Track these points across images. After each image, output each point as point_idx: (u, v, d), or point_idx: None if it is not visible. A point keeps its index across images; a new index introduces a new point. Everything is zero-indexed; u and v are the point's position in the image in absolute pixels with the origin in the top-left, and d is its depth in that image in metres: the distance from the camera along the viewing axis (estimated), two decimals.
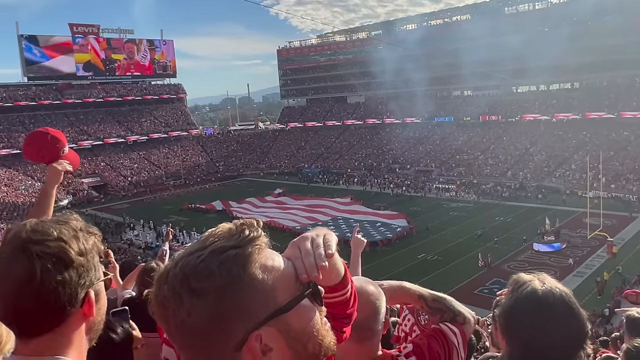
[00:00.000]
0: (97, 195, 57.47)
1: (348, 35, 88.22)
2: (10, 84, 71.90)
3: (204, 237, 0.81)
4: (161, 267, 2.15)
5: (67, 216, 1.11)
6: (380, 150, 68.85)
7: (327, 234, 0.87)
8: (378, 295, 1.53)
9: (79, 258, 1.02)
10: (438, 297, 1.75)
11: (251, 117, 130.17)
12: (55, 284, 0.97)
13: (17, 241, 0.99)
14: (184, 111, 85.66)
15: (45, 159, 2.27)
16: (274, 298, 0.76)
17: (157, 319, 0.79)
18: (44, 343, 1.00)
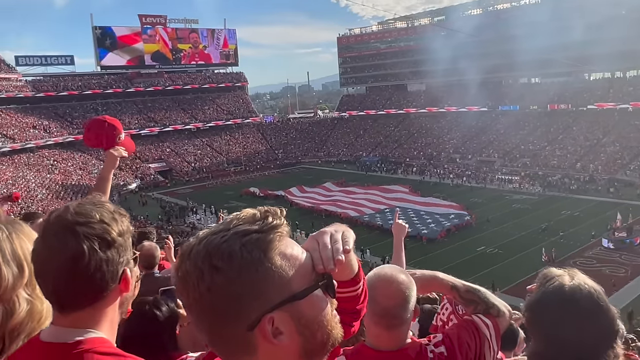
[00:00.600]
0: (162, 180, 60.05)
1: (409, 22, 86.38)
2: (85, 73, 76.09)
3: (229, 219, 0.85)
4: None
5: (101, 199, 1.18)
6: (440, 139, 67.34)
7: (345, 231, 0.91)
8: (408, 284, 1.55)
9: (119, 238, 1.11)
10: (471, 289, 1.72)
11: (310, 105, 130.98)
12: (101, 263, 1.07)
13: (63, 223, 1.07)
14: (245, 99, 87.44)
15: (102, 145, 2.39)
16: (289, 285, 0.80)
17: (178, 292, 0.84)
18: (81, 317, 1.09)
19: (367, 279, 1.58)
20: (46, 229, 1.10)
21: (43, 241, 1.09)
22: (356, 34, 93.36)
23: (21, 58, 69.05)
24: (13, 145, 54.12)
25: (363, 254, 29.52)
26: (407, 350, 1.56)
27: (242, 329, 0.79)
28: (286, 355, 0.82)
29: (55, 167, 55.05)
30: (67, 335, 1.08)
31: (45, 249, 1.07)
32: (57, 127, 63.78)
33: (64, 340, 1.08)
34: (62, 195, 43.89)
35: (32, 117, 62.78)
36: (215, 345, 0.84)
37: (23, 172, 48.70)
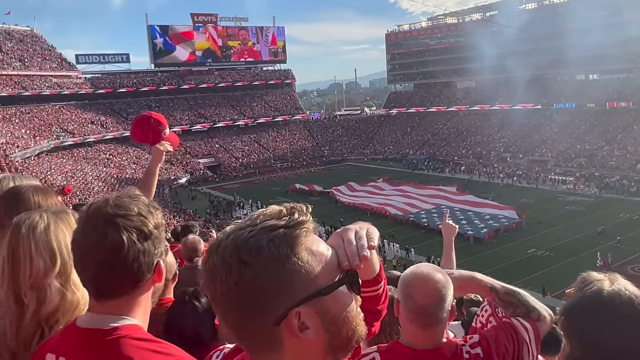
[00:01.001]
0: (211, 175, 61.49)
1: (460, 17, 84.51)
2: (140, 70, 78.89)
3: (256, 215, 0.86)
4: None
5: (136, 192, 1.22)
6: (490, 137, 65.56)
7: (370, 228, 0.93)
8: (445, 283, 1.55)
9: (155, 231, 1.16)
10: (511, 291, 1.66)
11: (357, 102, 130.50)
12: (138, 254, 1.12)
13: (103, 214, 1.12)
14: (292, 96, 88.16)
15: (149, 140, 2.46)
16: (315, 280, 0.81)
17: (204, 286, 0.85)
18: (118, 304, 1.15)
19: (403, 277, 1.58)
20: (86, 220, 1.14)
21: (83, 232, 1.13)
22: (405, 30, 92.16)
23: (81, 56, 72.37)
24: (73, 139, 56.82)
25: (408, 253, 29.23)
26: (442, 349, 1.55)
27: (268, 323, 0.80)
28: (311, 350, 0.83)
29: (110, 160, 57.43)
30: (103, 322, 1.14)
31: (85, 240, 1.12)
32: (113, 122, 66.44)
33: (100, 326, 1.13)
34: (116, 188, 45.63)
35: (90, 112, 65.68)
36: (242, 340, 0.85)
37: (81, 165, 51.05)
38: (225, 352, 1.28)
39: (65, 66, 69.38)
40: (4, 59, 61.34)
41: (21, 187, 1.80)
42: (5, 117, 53.69)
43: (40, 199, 1.76)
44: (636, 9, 55.39)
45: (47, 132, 54.89)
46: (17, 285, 1.33)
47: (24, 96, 59.15)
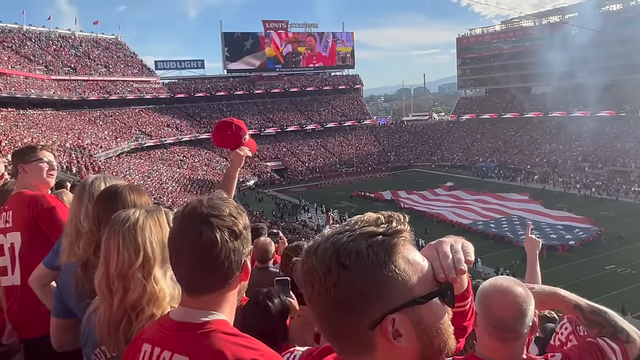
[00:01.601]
0: (278, 178, 62.71)
1: (537, 20, 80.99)
2: (214, 75, 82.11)
3: (353, 221, 0.89)
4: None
5: (225, 195, 1.29)
6: (567, 146, 62.23)
7: (465, 242, 0.94)
8: (526, 297, 1.50)
9: (244, 231, 1.23)
10: (598, 310, 1.59)
11: (425, 107, 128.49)
12: (229, 252, 1.19)
13: (199, 215, 1.20)
14: (359, 101, 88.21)
15: (229, 145, 2.59)
16: (411, 289, 0.83)
17: (301, 286, 0.89)
18: (209, 300, 1.22)
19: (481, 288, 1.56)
20: (182, 219, 1.21)
21: (179, 230, 1.21)
22: (477, 34, 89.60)
23: (159, 63, 76.42)
24: (150, 141, 60.02)
25: (475, 264, 28.22)
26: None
27: (363, 327, 0.82)
28: (403, 358, 0.84)
29: (184, 162, 60.07)
30: (195, 316, 1.21)
31: (182, 238, 1.20)
32: (188, 125, 69.50)
33: (192, 319, 1.21)
34: (188, 189, 47.71)
35: (167, 116, 69.09)
36: (335, 341, 0.88)
37: (157, 165, 53.77)
38: (296, 355, 1.31)
39: (145, 72, 73.51)
40: (91, 66, 65.93)
41: (118, 186, 1.96)
42: (91, 119, 57.67)
43: (135, 197, 1.92)
44: None
45: (127, 134, 58.31)
46: (108, 274, 1.51)
47: (108, 100, 63.24)
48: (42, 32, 65.74)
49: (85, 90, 61.28)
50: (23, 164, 2.72)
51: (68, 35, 68.75)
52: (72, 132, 47.43)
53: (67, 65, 62.79)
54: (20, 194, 2.68)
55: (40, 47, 62.95)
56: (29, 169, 2.71)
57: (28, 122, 43.64)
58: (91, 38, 71.55)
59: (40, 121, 46.18)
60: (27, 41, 62.10)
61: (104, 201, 1.91)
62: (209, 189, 51.10)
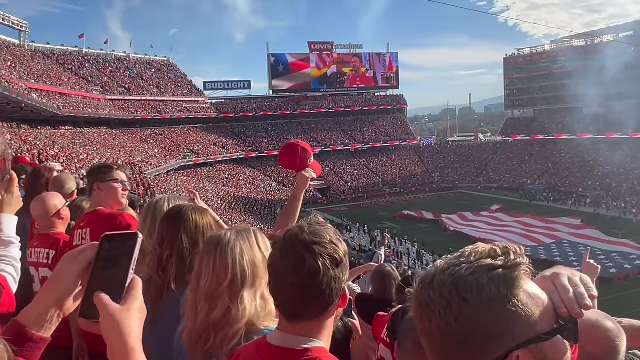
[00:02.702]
0: (321, 197, 62.90)
1: (589, 39, 78.70)
2: (259, 96, 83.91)
3: (466, 252, 0.85)
4: (395, 271, 2.40)
5: (322, 220, 1.32)
6: (622, 168, 59.60)
7: (582, 275, 0.89)
8: (617, 332, 1.39)
9: (344, 258, 1.24)
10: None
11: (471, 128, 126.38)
12: (331, 280, 1.19)
13: (301, 242, 1.20)
14: (403, 121, 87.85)
15: (295, 167, 2.65)
16: (534, 324, 0.79)
17: (416, 318, 0.85)
18: (308, 327, 1.22)
19: None
20: (283, 245, 1.23)
21: (281, 257, 1.22)
22: (525, 53, 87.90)
23: (208, 83, 78.82)
24: (197, 159, 61.67)
25: None
26: None
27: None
28: None
29: (229, 180, 61.30)
30: (295, 342, 1.21)
31: (283, 264, 1.20)
32: (233, 144, 71.06)
33: (293, 346, 1.21)
34: (233, 206, 48.52)
35: (213, 135, 70.92)
36: None
37: (203, 183, 55.06)
38: None
39: (194, 92, 76.01)
40: (144, 86, 68.79)
41: (181, 206, 2.06)
42: (142, 137, 59.92)
43: (197, 217, 2.00)
44: None
45: (175, 152, 60.18)
46: (197, 292, 1.55)
47: (158, 119, 65.64)
48: (99, 55, 69.33)
49: (137, 109, 63.88)
50: (99, 182, 2.88)
51: (123, 57, 72.16)
52: (124, 150, 49.36)
53: (121, 86, 65.79)
54: (97, 211, 2.83)
55: (97, 68, 66.32)
56: (104, 188, 2.87)
57: (84, 139, 45.84)
58: (145, 60, 74.80)
59: (95, 139, 48.40)
60: (86, 63, 65.61)
61: (168, 221, 1.98)
62: (252, 207, 51.87)
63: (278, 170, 67.17)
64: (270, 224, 43.66)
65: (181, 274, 1.88)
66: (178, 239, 1.92)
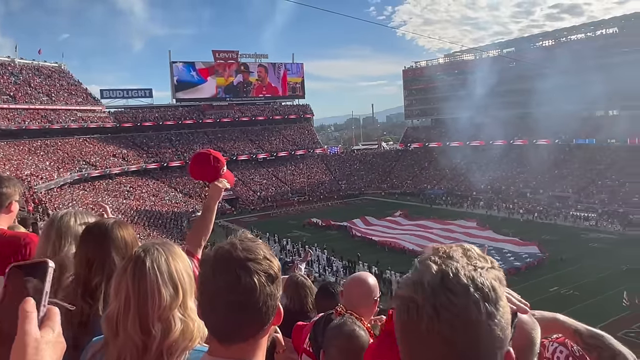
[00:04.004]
0: (229, 208, 61.75)
1: (477, 54, 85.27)
2: (162, 105, 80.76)
3: (460, 254, 0.89)
4: (308, 280, 2.29)
5: (251, 236, 1.24)
6: (509, 172, 65.06)
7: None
8: (533, 325, 1.45)
9: (279, 273, 1.19)
10: (595, 334, 1.60)
11: (374, 136, 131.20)
12: (267, 297, 1.14)
13: (235, 259, 1.14)
14: (310, 130, 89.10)
15: (208, 178, 2.51)
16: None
17: (428, 327, 0.80)
18: (243, 349, 1.15)
19: None
20: (216, 264, 1.15)
21: (214, 276, 1.13)
22: (422, 66, 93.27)
23: (105, 91, 74.54)
24: (94, 171, 57.88)
25: None
26: None
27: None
28: None
29: (131, 193, 58.20)
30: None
31: (217, 283, 1.12)
32: (135, 155, 67.67)
33: None
34: (136, 220, 46.11)
35: (113, 146, 67.06)
36: None
37: (102, 197, 51.77)
38: None
39: (90, 101, 71.42)
40: (32, 94, 63.41)
41: (105, 223, 1.84)
42: (31, 149, 55.11)
43: (125, 233, 1.82)
44: None
45: (70, 164, 56.05)
46: (144, 317, 1.34)
47: (49, 129, 60.78)
48: None
49: (25, 119, 58.74)
50: None
51: (7, 62, 66.03)
52: (10, 163, 45.21)
53: (5, 94, 60.12)
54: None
55: None
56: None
57: None
58: (32, 66, 69.08)
59: None
60: None
61: (93, 241, 1.77)
62: (156, 220, 49.66)
63: (184, 181, 65.06)
64: (177, 237, 42.12)
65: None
66: (109, 261, 1.72)
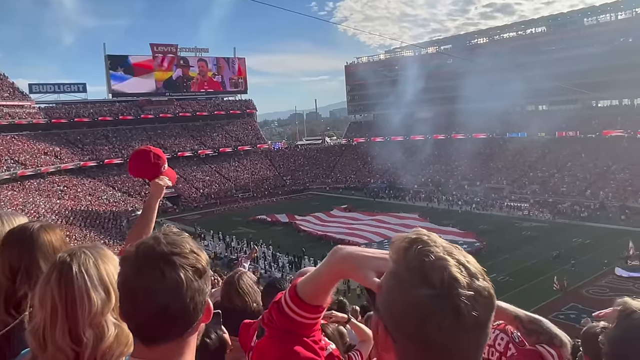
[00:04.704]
0: (171, 206, 60.18)
1: (416, 50, 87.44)
2: (97, 100, 77.41)
3: (447, 249, 0.98)
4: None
5: (175, 229, 1.18)
6: (448, 166, 67.33)
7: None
8: None
9: (207, 268, 1.12)
10: (534, 319, 1.69)
11: (318, 132, 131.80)
12: (194, 293, 1.06)
13: (159, 254, 1.06)
14: (253, 126, 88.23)
15: (148, 175, 2.42)
16: None
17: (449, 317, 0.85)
18: (170, 349, 1.07)
19: None
20: (138, 260, 1.07)
21: (137, 273, 1.05)
22: (364, 62, 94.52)
23: (35, 86, 70.39)
24: (24, 171, 54.65)
25: None
26: None
27: None
28: None
29: (65, 192, 55.45)
30: None
31: (140, 281, 1.04)
32: (68, 153, 64.50)
33: None
34: (71, 221, 44.08)
35: (44, 143, 63.57)
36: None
37: (33, 197, 49.06)
38: None
39: (17, 95, 67.30)
40: None
41: (29, 226, 1.70)
42: None
43: (52, 237, 1.69)
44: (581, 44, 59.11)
45: None
46: (74, 325, 1.25)
47: None
48: None
49: None
50: None
51: None
52: None
53: None
54: None
55: None
56: None
57: None
58: None
59: None
60: None
61: (18, 247, 1.63)
62: (94, 221, 47.64)
63: (122, 179, 62.75)
64: (116, 237, 40.65)
65: None
66: (36, 269, 1.58)
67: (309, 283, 1.07)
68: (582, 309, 22.40)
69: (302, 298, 1.07)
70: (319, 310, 1.10)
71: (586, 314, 14.74)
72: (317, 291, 1.07)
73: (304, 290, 1.07)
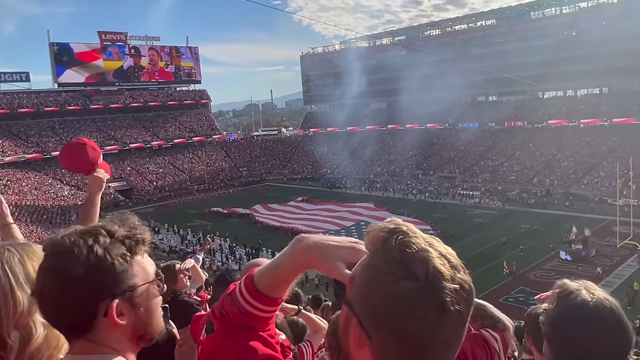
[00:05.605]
0: (123, 199, 58.52)
1: (371, 41, 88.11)
2: (41, 90, 73.84)
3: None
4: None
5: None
6: (402, 156, 68.42)
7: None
8: None
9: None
10: (477, 304, 1.73)
11: (274, 122, 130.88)
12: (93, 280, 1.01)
13: (63, 243, 1.02)
14: (208, 117, 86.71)
15: (83, 169, 2.32)
16: None
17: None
18: (91, 340, 1.01)
19: None
20: (45, 251, 1.03)
21: (44, 264, 1.02)
22: (319, 52, 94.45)
23: None
24: None
25: None
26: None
27: None
28: None
29: (8, 187, 52.88)
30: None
31: (46, 273, 0.99)
32: (12, 146, 61.49)
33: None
34: (16, 217, 42.11)
35: None
36: None
37: None
38: None
39: None
40: None
41: None
42: None
43: None
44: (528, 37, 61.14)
45: None
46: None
47: None
48: None
49: None
50: None
51: None
52: None
53: None
54: None
55: None
56: None
57: None
58: None
59: None
60: None
61: None
62: (40, 216, 45.75)
63: (70, 172, 60.38)
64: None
65: None
66: None
67: (267, 274, 1.02)
68: (530, 292, 23.37)
69: (259, 290, 1.02)
70: (277, 302, 1.05)
71: (534, 297, 15.44)
72: (277, 283, 1.02)
73: (262, 282, 1.01)
